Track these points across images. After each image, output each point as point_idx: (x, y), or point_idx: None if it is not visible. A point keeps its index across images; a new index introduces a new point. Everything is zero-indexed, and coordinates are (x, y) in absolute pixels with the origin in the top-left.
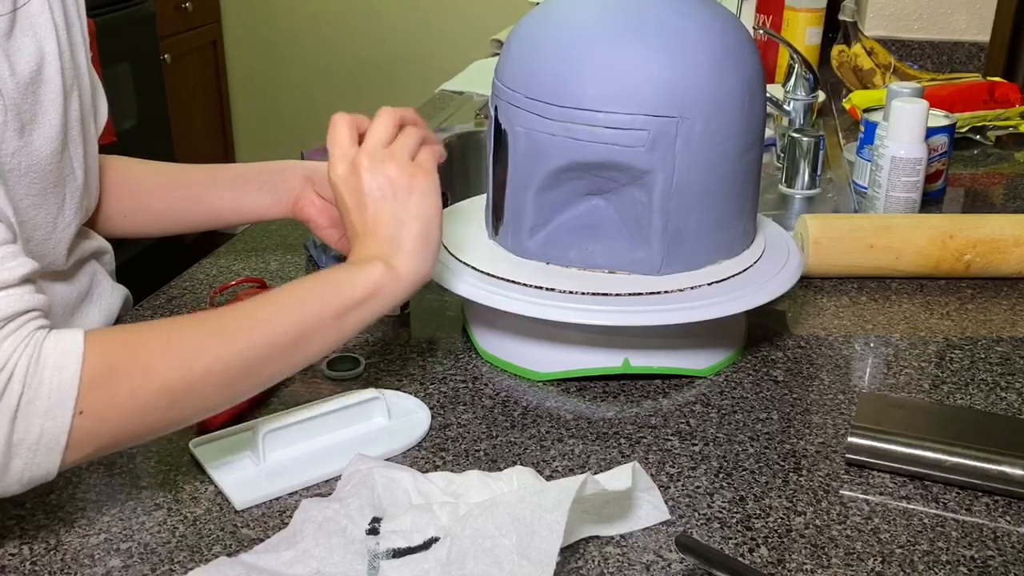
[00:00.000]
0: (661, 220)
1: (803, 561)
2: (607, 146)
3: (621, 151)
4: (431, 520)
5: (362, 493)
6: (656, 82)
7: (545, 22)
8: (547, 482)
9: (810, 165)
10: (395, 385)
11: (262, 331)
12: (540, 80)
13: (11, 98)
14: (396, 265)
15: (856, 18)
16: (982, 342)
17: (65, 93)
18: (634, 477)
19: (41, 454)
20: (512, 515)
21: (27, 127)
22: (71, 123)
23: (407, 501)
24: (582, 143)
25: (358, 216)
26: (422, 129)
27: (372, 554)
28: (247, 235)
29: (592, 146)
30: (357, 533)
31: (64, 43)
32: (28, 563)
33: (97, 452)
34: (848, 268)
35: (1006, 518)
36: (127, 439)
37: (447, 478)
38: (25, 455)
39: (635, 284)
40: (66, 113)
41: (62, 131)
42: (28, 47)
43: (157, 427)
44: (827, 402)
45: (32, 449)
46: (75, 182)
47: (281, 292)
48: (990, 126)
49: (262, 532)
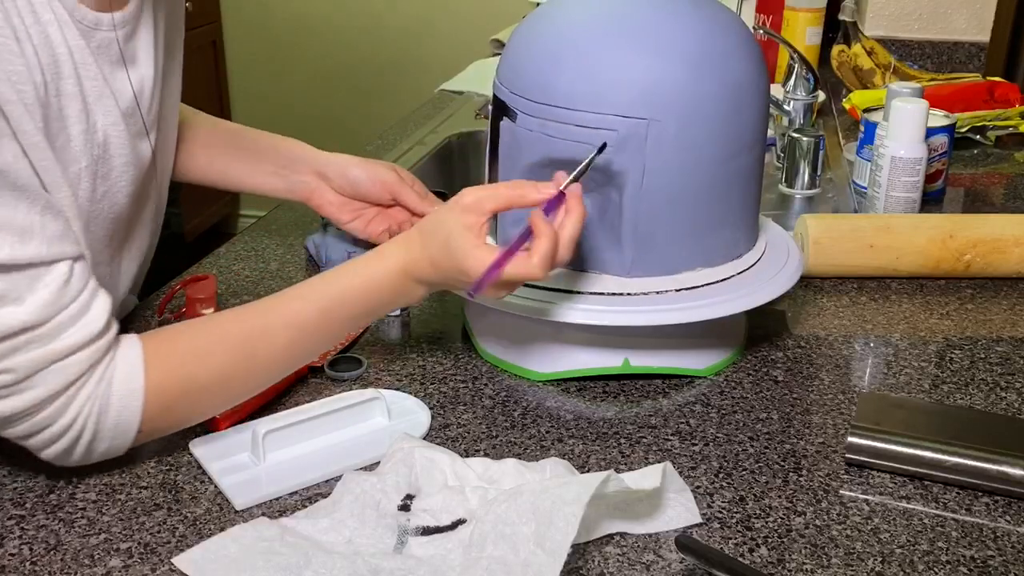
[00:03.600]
0: (631, 222)
1: (803, 561)
2: (578, 144)
3: (591, 150)
4: (461, 502)
5: (400, 471)
6: (626, 82)
7: (539, 22)
8: (576, 475)
9: (810, 165)
10: (395, 385)
11: (301, 359)
12: (525, 77)
13: (104, 143)
14: (426, 292)
15: (856, 18)
16: (982, 342)
17: (145, 131)
18: (665, 477)
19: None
20: (534, 504)
21: (103, 176)
22: (143, 166)
23: (443, 482)
24: (555, 140)
25: (451, 263)
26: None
27: (402, 529)
28: (247, 235)
29: (564, 143)
30: (390, 508)
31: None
32: (28, 563)
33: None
34: (848, 268)
35: (1006, 518)
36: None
37: (485, 464)
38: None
39: (641, 284)
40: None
41: (138, 177)
42: (125, 82)
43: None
44: (827, 402)
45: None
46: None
47: (328, 314)
48: (990, 126)
49: None
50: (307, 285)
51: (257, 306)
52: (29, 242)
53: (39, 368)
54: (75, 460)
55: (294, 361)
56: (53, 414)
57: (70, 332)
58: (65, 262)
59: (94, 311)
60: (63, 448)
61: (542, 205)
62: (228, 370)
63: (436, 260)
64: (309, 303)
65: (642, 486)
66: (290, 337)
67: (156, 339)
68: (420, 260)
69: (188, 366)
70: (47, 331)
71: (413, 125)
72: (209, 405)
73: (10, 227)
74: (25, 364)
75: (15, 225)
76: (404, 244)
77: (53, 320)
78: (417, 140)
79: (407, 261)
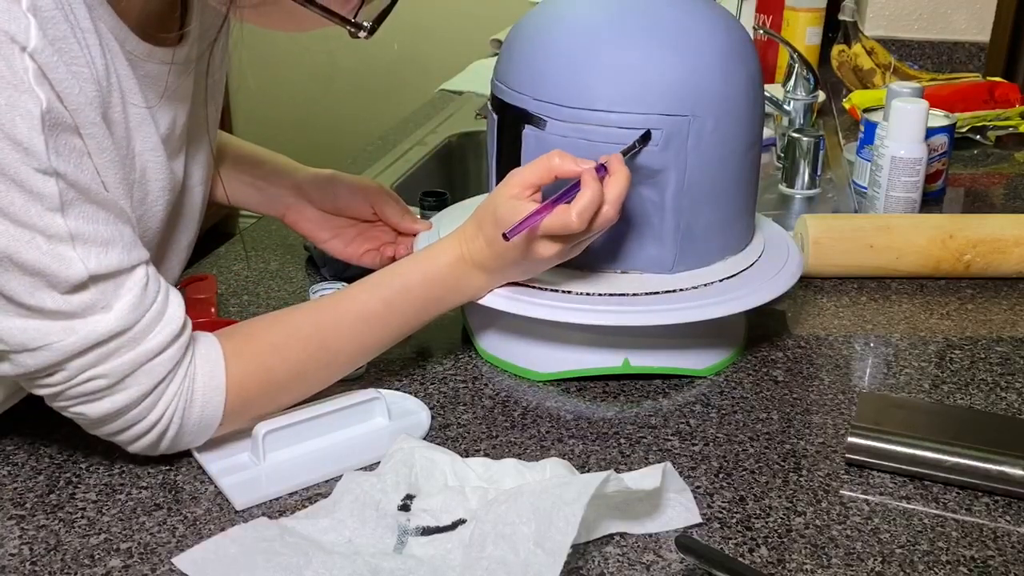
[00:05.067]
0: (674, 218)
1: (803, 561)
2: (619, 147)
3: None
4: (461, 503)
5: (400, 471)
6: (668, 81)
7: (549, 23)
8: (576, 475)
9: (810, 165)
10: (395, 385)
11: (372, 350)
12: (549, 82)
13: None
14: (493, 282)
15: (856, 18)
16: (982, 342)
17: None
18: (665, 478)
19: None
20: (534, 504)
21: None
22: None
23: (443, 482)
24: (595, 144)
25: (499, 232)
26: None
27: (402, 529)
28: (247, 235)
29: (605, 147)
30: (390, 508)
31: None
32: (28, 563)
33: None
34: (848, 268)
35: (1006, 518)
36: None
37: (485, 464)
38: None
39: (641, 284)
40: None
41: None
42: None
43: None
44: (827, 402)
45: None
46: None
47: (392, 304)
48: (990, 126)
49: None
50: (373, 277)
51: (328, 299)
52: (111, 251)
53: (130, 371)
54: (160, 451)
55: (365, 352)
56: (142, 412)
57: (155, 333)
58: (142, 266)
59: (171, 309)
60: (150, 442)
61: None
62: (302, 363)
63: (490, 238)
64: (373, 295)
65: (642, 486)
66: (358, 329)
67: (233, 336)
68: (475, 243)
69: (266, 361)
70: (134, 335)
71: (413, 125)
72: (286, 397)
73: (94, 239)
74: (117, 368)
75: (99, 237)
76: (460, 232)
77: (139, 323)
78: (417, 140)
79: (463, 247)
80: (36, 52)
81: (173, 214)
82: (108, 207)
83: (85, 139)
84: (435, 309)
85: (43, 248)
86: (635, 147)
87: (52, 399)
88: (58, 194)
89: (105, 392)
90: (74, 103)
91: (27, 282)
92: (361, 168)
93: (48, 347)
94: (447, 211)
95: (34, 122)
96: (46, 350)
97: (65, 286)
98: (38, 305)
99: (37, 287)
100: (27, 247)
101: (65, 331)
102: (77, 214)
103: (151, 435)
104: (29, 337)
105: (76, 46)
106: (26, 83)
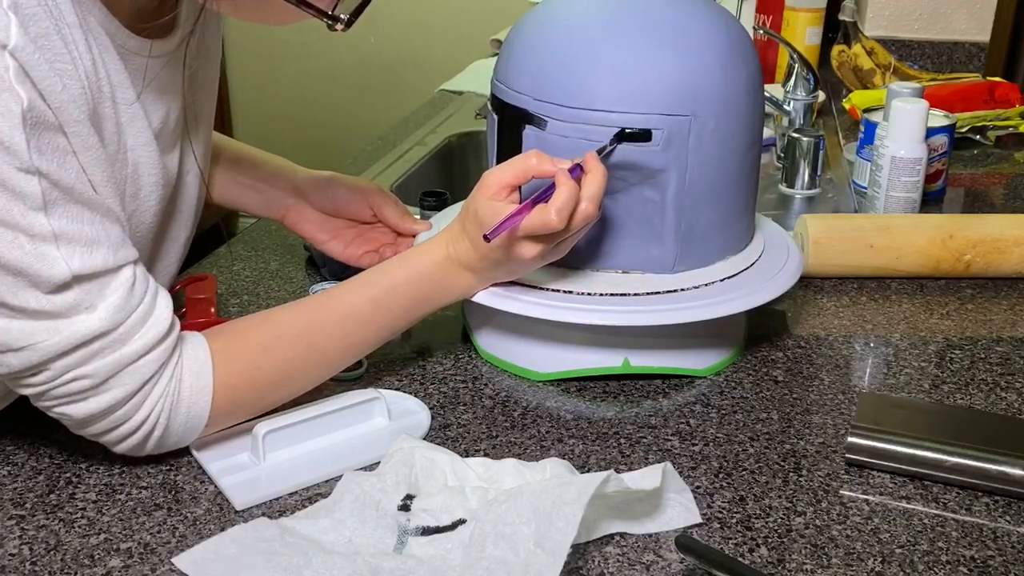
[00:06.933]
0: (675, 218)
1: (803, 561)
2: (621, 146)
3: (635, 151)
4: (461, 503)
5: (400, 471)
6: (668, 81)
7: (549, 23)
8: (576, 475)
9: (810, 165)
10: (395, 385)
11: (359, 350)
12: (550, 82)
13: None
14: (480, 282)
15: (856, 18)
16: (982, 342)
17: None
18: (665, 478)
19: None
20: (534, 504)
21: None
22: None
23: (443, 482)
24: (595, 144)
25: (480, 233)
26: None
27: (402, 529)
28: (247, 235)
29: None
30: (390, 508)
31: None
32: (28, 563)
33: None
34: (848, 268)
35: (1006, 518)
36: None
37: (485, 464)
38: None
39: (641, 284)
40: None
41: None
42: (158, 105)
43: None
44: (827, 402)
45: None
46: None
47: (379, 303)
48: (990, 126)
49: None
50: (362, 276)
51: (316, 298)
52: (96, 251)
53: (115, 372)
54: (147, 452)
55: (352, 352)
56: (128, 412)
57: (140, 334)
58: (129, 266)
59: (159, 311)
60: (136, 443)
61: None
62: (291, 362)
63: (473, 239)
64: (361, 294)
65: (642, 486)
66: (346, 328)
67: (221, 335)
68: (460, 243)
69: (254, 361)
70: (119, 335)
71: (413, 125)
72: (274, 397)
73: (79, 239)
74: (101, 369)
75: (83, 236)
76: (447, 232)
77: (124, 324)
78: (417, 140)
79: (450, 247)
80: (17, 50)
81: (168, 209)
82: (94, 206)
83: (70, 137)
84: (423, 308)
85: (26, 248)
86: (609, 146)
87: (37, 399)
88: (41, 193)
89: (89, 392)
90: (57, 101)
91: (10, 282)
92: (361, 168)
93: (32, 347)
94: (447, 211)
95: (15, 121)
96: (30, 350)
97: (48, 286)
98: (21, 305)
99: (20, 287)
100: (10, 247)
101: (49, 331)
102: (61, 213)
103: (137, 436)
104: (12, 337)
105: (60, 43)
106: (6, 81)
